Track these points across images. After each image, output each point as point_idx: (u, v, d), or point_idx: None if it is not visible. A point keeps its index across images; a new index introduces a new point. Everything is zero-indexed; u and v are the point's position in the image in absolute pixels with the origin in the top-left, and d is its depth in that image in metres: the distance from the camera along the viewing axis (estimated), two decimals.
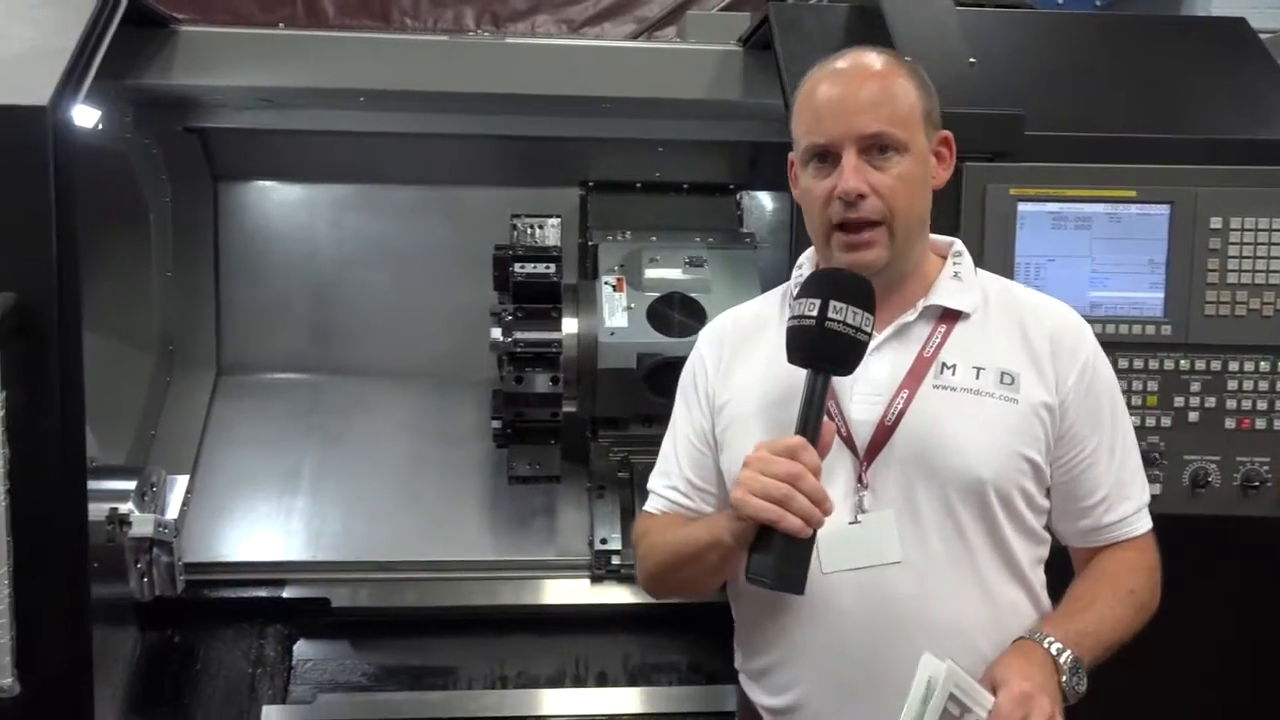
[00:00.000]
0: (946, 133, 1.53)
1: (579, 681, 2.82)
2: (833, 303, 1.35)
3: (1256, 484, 1.95)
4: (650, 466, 2.93)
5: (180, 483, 2.53)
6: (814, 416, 1.35)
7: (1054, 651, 1.38)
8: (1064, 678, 1.37)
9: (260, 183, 3.16)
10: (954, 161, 1.55)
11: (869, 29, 2.31)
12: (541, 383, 2.73)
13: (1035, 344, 1.49)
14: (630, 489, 2.96)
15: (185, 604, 2.72)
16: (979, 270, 1.57)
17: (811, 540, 1.32)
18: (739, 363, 1.58)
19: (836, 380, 1.42)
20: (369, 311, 3.19)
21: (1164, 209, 1.95)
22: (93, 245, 2.88)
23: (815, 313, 1.35)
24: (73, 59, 2.04)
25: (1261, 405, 1.96)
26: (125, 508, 2.30)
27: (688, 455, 1.61)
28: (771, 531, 1.30)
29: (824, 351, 1.36)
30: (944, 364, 1.47)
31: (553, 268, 2.74)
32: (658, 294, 2.83)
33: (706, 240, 2.98)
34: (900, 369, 1.47)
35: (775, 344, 1.44)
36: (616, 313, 2.77)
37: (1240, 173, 1.96)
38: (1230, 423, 1.96)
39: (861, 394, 1.46)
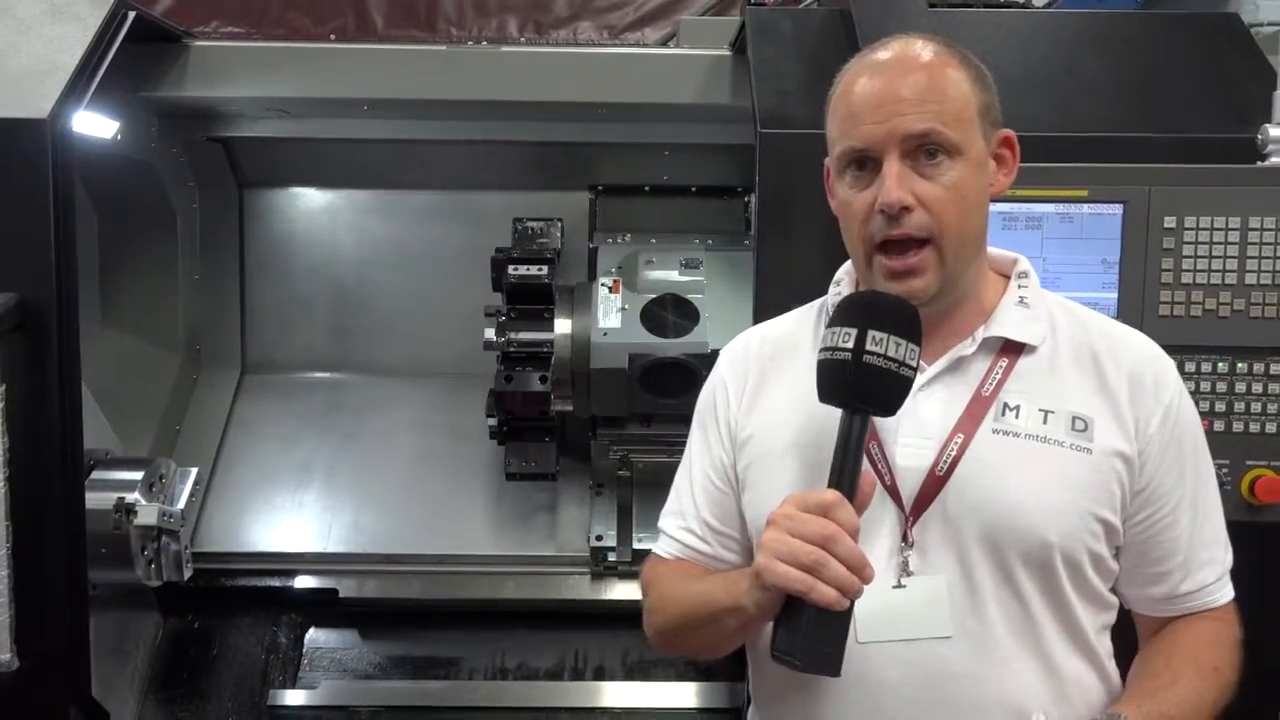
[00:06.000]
0: (1008, 131, 1.31)
1: (577, 675, 2.87)
2: (871, 332, 1.15)
3: None
4: (649, 464, 3.00)
5: (191, 475, 2.65)
6: (850, 466, 1.15)
7: None
8: None
9: (283, 189, 3.27)
10: (1017, 165, 1.33)
11: (845, 33, 2.32)
12: (533, 382, 2.78)
13: (1112, 383, 1.28)
14: (630, 487, 3.00)
15: (205, 592, 2.88)
16: (1044, 291, 1.35)
17: (848, 614, 1.13)
18: (766, 390, 1.36)
19: (879, 420, 1.24)
20: (386, 312, 3.28)
21: (1117, 208, 1.90)
22: (122, 250, 3.05)
23: (851, 344, 1.15)
24: (74, 74, 2.16)
25: (1220, 407, 1.91)
26: (131, 497, 2.42)
27: (704, 493, 1.39)
28: (801, 603, 1.11)
29: (861, 390, 1.16)
30: (1005, 405, 1.26)
31: (545, 270, 2.80)
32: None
33: (705, 242, 3.00)
34: (954, 410, 1.26)
35: (809, 369, 1.22)
36: (611, 314, 2.80)
37: (1194, 171, 1.91)
38: None
39: (909, 437, 1.26)
